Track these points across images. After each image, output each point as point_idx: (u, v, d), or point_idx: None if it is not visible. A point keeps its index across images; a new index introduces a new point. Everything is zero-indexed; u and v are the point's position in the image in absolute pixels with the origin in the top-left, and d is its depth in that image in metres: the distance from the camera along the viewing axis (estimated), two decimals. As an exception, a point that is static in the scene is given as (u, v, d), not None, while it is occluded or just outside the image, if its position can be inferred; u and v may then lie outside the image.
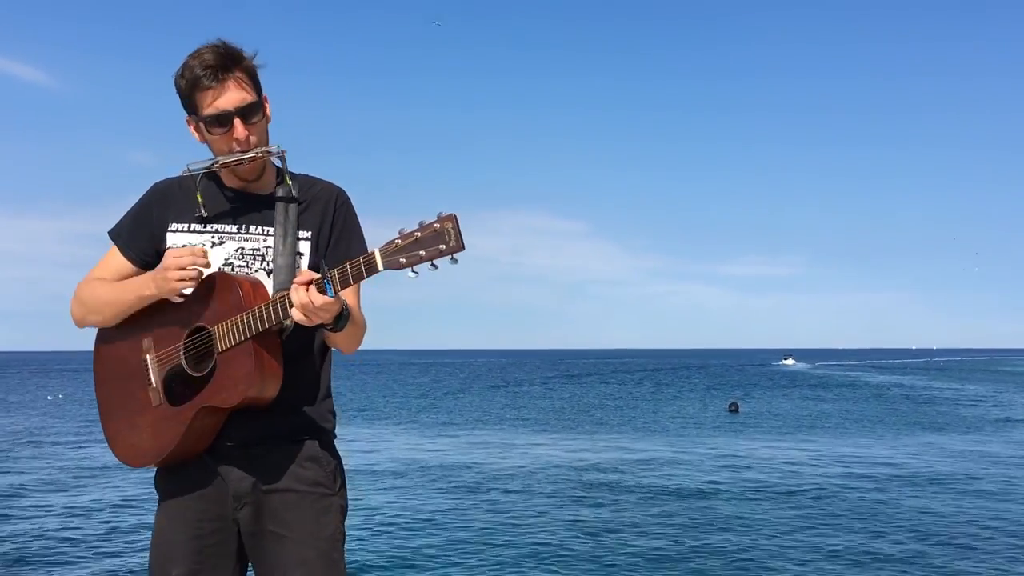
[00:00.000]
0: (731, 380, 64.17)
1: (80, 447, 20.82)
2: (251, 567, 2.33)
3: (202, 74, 2.15)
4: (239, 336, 2.08)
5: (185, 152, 2.28)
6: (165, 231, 2.27)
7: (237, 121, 2.17)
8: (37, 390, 51.56)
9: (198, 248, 2.14)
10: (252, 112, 2.19)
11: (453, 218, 1.89)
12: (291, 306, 2.03)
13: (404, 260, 1.89)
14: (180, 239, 2.25)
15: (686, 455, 19.25)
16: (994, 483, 15.10)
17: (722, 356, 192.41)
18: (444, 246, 1.87)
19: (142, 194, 2.36)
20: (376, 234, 2.08)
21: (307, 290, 1.99)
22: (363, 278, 1.96)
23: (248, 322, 2.07)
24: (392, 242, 1.91)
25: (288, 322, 2.10)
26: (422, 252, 1.88)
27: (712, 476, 15.93)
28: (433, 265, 1.90)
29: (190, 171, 2.24)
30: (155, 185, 2.34)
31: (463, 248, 1.88)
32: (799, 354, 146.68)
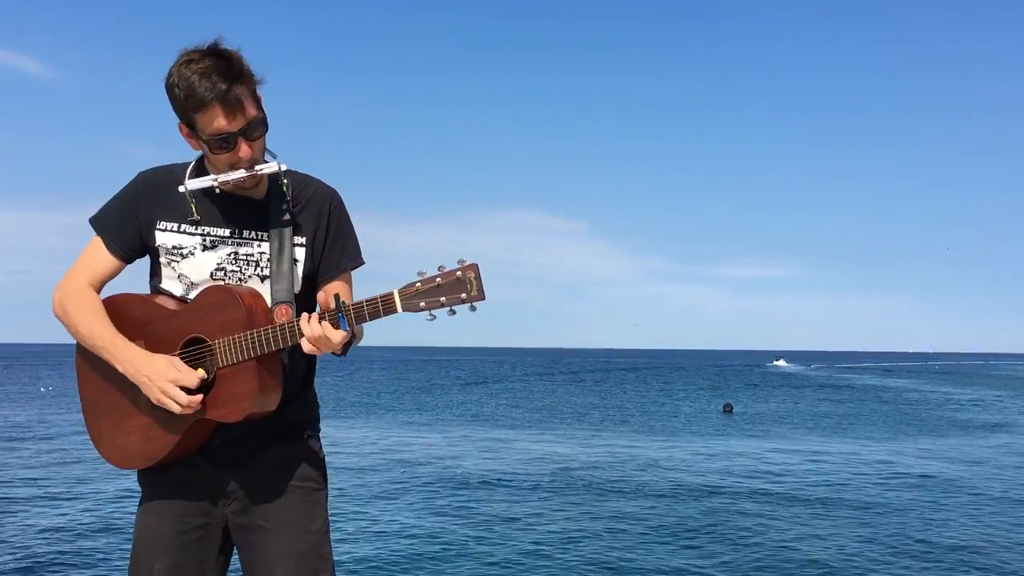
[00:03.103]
0: (726, 381, 64.24)
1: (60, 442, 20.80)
2: (236, 560, 2.33)
3: (204, 94, 2.06)
4: (243, 355, 2.08)
5: (184, 147, 2.24)
6: (153, 228, 2.23)
7: (241, 140, 2.12)
8: (34, 382, 51.48)
9: (196, 400, 2.09)
10: (255, 129, 2.15)
11: (475, 268, 1.92)
12: (301, 335, 2.03)
13: (424, 304, 1.93)
14: (170, 239, 2.22)
15: (680, 455, 19.27)
16: (989, 487, 15.13)
17: (718, 357, 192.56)
18: (465, 295, 1.91)
19: (127, 183, 2.27)
20: (372, 232, 2.07)
21: (320, 323, 2.00)
22: (379, 316, 1.97)
23: (255, 342, 2.06)
24: (412, 285, 1.94)
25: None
26: (443, 299, 1.92)
27: (705, 476, 15.95)
28: (452, 311, 1.93)
29: (189, 191, 2.18)
30: (141, 175, 2.28)
31: (483, 298, 1.92)
32: (795, 356, 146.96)
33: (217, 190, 2.19)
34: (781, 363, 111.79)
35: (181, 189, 2.19)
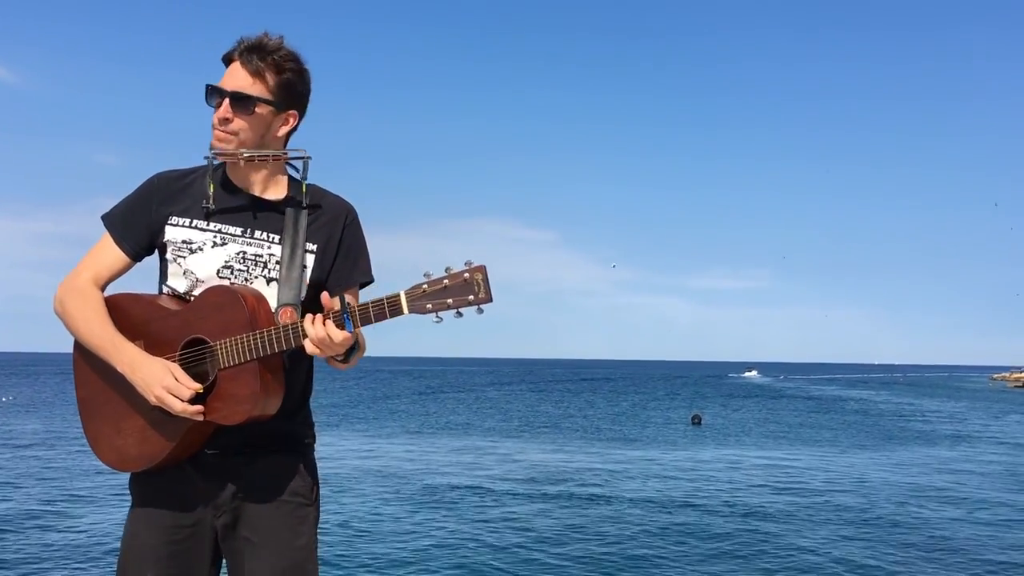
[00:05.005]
0: (695, 392, 64.64)
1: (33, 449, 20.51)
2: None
3: (230, 50, 2.18)
4: (245, 356, 2.06)
5: (151, 155, 2.27)
6: (164, 224, 2.21)
7: (225, 101, 2.14)
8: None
9: (192, 409, 2.06)
10: (242, 101, 2.14)
11: (482, 269, 1.92)
12: (304, 336, 2.02)
13: (431, 306, 1.91)
14: (180, 234, 2.20)
15: (648, 467, 19.40)
16: (953, 494, 15.38)
17: (688, 368, 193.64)
18: (473, 296, 1.90)
19: (142, 183, 2.26)
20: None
21: (324, 324, 1.97)
22: (386, 318, 1.95)
23: (256, 344, 2.04)
24: (419, 287, 1.92)
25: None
26: (450, 300, 1.91)
27: (672, 488, 16.08)
28: (459, 313, 1.93)
29: (212, 157, 2.19)
30: (158, 175, 2.27)
31: (491, 300, 1.92)
32: (764, 367, 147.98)
33: (243, 162, 2.19)
34: (752, 374, 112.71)
35: (205, 158, 2.20)
